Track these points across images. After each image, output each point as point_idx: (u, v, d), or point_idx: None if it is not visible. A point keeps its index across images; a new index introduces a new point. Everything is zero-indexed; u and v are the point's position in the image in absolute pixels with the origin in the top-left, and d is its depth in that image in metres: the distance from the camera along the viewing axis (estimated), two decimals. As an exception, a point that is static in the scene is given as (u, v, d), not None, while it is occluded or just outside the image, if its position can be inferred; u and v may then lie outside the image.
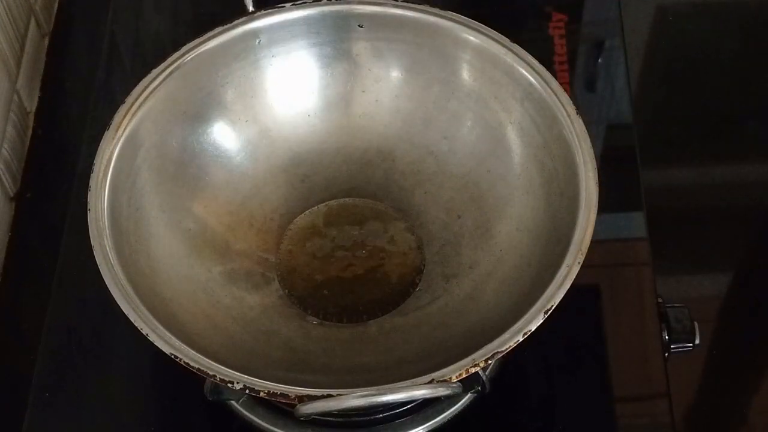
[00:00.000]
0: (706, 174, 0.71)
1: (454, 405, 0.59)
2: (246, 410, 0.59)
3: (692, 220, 0.70)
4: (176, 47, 0.60)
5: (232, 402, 0.59)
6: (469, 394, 0.58)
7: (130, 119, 0.57)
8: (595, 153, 0.55)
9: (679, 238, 0.69)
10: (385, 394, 0.47)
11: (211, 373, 0.48)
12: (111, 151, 0.56)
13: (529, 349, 0.51)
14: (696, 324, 0.61)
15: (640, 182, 0.66)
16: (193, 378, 0.50)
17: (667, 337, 0.61)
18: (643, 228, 0.65)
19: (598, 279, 0.63)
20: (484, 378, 0.53)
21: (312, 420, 0.55)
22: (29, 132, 0.72)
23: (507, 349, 0.49)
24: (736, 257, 0.70)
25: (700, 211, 0.70)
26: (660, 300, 0.63)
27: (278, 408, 0.58)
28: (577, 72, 0.73)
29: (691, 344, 0.61)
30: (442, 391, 0.48)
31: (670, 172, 0.71)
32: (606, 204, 0.54)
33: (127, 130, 0.57)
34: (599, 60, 0.74)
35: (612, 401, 0.60)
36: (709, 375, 0.67)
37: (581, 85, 0.73)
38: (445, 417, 0.59)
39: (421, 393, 0.48)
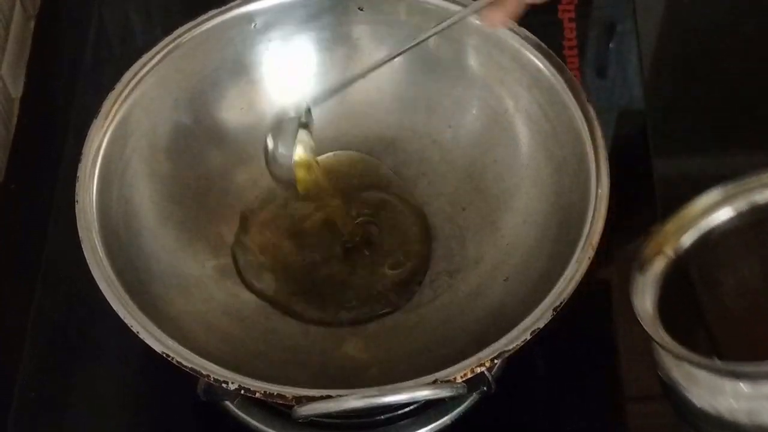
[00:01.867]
0: (722, 163, 0.70)
1: (459, 406, 0.58)
2: (241, 411, 0.59)
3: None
4: (168, 31, 0.60)
5: (227, 402, 0.58)
6: (474, 395, 0.57)
7: (120, 106, 0.57)
8: (606, 142, 0.55)
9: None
10: (386, 394, 0.47)
11: (204, 372, 0.48)
12: (100, 140, 0.56)
13: (537, 348, 0.50)
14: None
15: (652, 172, 0.66)
16: (186, 377, 0.49)
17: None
18: (656, 220, 0.64)
19: (608, 274, 0.63)
20: (489, 378, 0.52)
21: (310, 422, 0.54)
22: (14, 120, 0.71)
23: (514, 347, 0.49)
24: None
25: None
26: (672, 295, 0.62)
27: (275, 409, 0.58)
28: (587, 57, 0.73)
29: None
30: (446, 392, 0.48)
31: (683, 161, 0.71)
32: (617, 194, 0.54)
33: (117, 118, 0.57)
34: (611, 44, 0.74)
35: (623, 401, 0.59)
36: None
37: (592, 71, 0.73)
38: (449, 418, 0.58)
39: (424, 394, 0.47)
